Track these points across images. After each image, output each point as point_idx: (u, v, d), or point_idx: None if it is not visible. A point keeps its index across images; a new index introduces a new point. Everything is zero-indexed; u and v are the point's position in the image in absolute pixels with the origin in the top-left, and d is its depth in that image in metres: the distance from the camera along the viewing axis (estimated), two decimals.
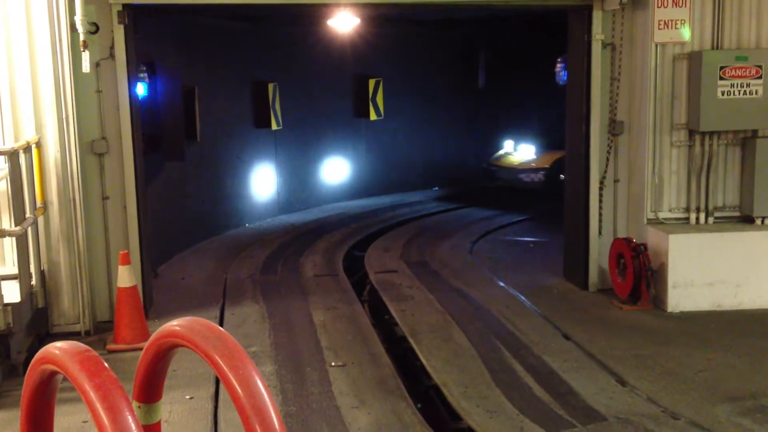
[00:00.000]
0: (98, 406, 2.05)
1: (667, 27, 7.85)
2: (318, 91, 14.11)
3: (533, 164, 14.57)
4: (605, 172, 8.43)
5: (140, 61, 8.97)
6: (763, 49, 7.86)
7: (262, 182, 13.32)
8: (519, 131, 15.65)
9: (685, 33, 7.87)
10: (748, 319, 7.51)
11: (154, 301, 8.36)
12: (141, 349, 2.71)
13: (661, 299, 7.82)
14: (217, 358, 2.33)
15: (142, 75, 9.60)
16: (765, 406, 5.56)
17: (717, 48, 7.90)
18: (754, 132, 8.01)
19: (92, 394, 2.08)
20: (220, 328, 2.47)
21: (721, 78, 7.71)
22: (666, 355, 6.65)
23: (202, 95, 11.22)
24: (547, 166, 14.25)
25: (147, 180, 8.50)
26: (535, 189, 14.48)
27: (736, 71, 7.72)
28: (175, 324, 2.50)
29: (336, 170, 14.95)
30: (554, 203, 11.14)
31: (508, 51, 16.12)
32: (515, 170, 14.75)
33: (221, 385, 5.74)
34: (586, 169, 8.44)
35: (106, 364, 2.24)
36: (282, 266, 10.11)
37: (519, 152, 15.02)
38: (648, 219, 8.12)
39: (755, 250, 7.79)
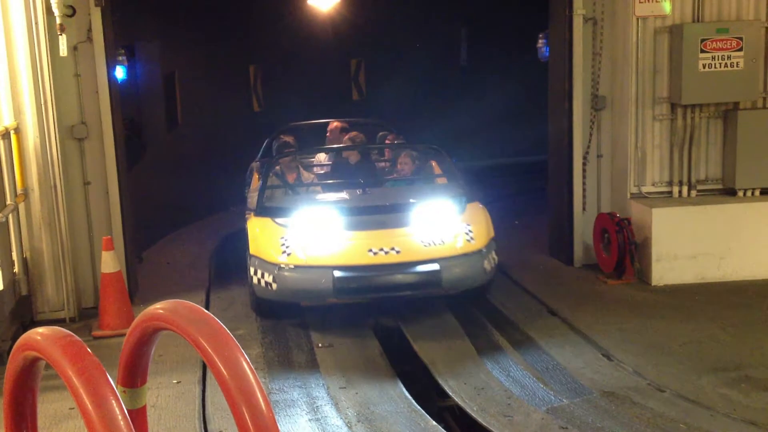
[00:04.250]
0: (82, 391, 2.03)
1: (648, 0, 7.82)
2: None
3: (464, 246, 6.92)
4: (588, 147, 8.43)
5: (119, 44, 8.87)
6: (743, 21, 7.86)
7: None
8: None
9: (666, 6, 7.85)
10: (731, 290, 7.56)
11: (139, 286, 8.31)
12: None
13: (646, 273, 7.86)
14: (201, 340, 2.30)
15: (120, 58, 9.49)
16: (749, 377, 5.61)
17: (698, 21, 7.89)
18: (736, 104, 8.02)
19: (75, 380, 2.06)
20: (204, 310, 2.44)
21: (702, 51, 7.71)
22: (651, 328, 6.69)
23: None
24: (482, 245, 7.00)
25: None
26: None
27: (717, 44, 7.72)
28: (158, 307, 2.47)
29: None
30: None
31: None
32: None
33: (209, 370, 5.73)
34: (570, 145, 8.44)
35: (88, 349, 2.22)
36: None
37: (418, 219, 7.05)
38: (631, 193, 8.14)
39: (738, 222, 7.83)
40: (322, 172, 8.84)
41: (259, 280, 6.88)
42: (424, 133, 14.19)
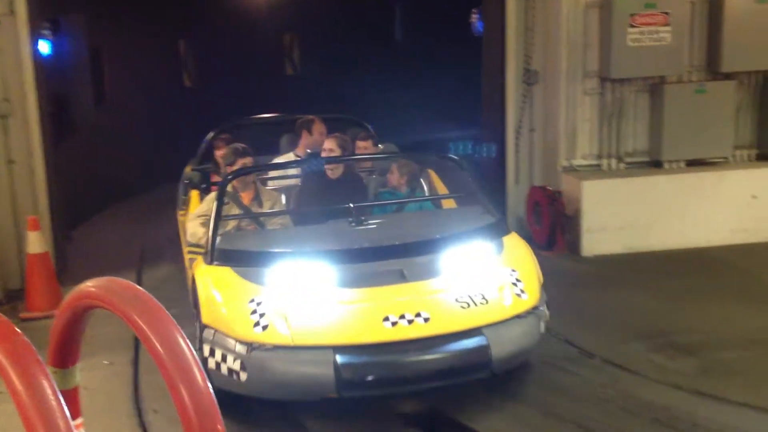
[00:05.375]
0: (11, 371, 1.98)
1: None
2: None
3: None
4: (521, 121, 8.53)
5: (43, 17, 8.57)
6: None
7: None
8: None
9: None
10: (657, 260, 7.77)
11: (68, 266, 8.11)
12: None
13: (576, 244, 8.03)
14: (135, 317, 2.26)
15: (45, 32, 9.17)
16: (675, 342, 5.80)
17: None
18: (662, 78, 8.21)
19: (3, 360, 2.00)
20: (138, 287, 2.40)
21: (630, 25, 7.85)
22: (581, 297, 6.85)
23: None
24: (536, 299, 5.08)
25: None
26: None
27: (645, 18, 7.87)
28: (90, 285, 2.42)
29: None
30: None
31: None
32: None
33: (141, 350, 5.65)
34: (503, 119, 8.53)
35: (17, 329, 2.16)
36: None
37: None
38: (562, 167, 8.28)
39: (664, 194, 8.05)
40: (286, 185, 6.38)
41: (218, 365, 4.57)
42: (356, 108, 14.04)
